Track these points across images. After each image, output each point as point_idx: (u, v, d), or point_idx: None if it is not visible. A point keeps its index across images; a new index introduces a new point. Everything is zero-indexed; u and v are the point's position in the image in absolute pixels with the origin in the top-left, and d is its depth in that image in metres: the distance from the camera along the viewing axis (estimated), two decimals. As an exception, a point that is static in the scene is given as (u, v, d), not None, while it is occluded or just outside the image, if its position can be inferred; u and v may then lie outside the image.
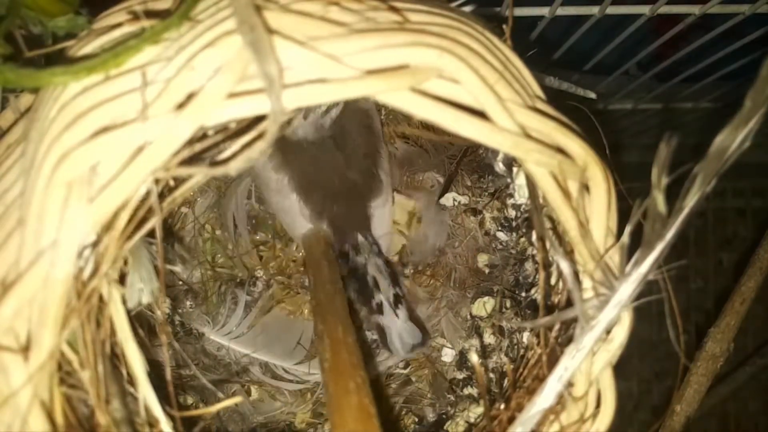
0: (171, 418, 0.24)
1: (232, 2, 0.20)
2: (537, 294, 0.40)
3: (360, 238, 0.46)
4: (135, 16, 0.22)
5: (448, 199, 0.52)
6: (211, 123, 0.20)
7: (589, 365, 0.25)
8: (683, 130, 0.83)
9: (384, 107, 0.52)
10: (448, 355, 0.51)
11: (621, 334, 0.25)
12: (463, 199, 0.52)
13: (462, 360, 0.50)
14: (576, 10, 0.50)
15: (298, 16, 0.21)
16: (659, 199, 0.22)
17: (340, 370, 0.31)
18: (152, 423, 0.23)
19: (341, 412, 0.28)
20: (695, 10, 0.49)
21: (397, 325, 0.45)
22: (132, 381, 0.24)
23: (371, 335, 0.51)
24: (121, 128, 0.19)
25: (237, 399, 0.29)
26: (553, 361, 0.26)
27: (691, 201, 0.22)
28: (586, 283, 0.25)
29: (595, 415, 0.26)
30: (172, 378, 0.25)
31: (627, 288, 0.23)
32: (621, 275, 0.23)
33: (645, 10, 0.49)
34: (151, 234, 0.22)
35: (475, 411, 0.46)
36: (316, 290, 0.41)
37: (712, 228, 0.95)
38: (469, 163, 0.52)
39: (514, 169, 0.36)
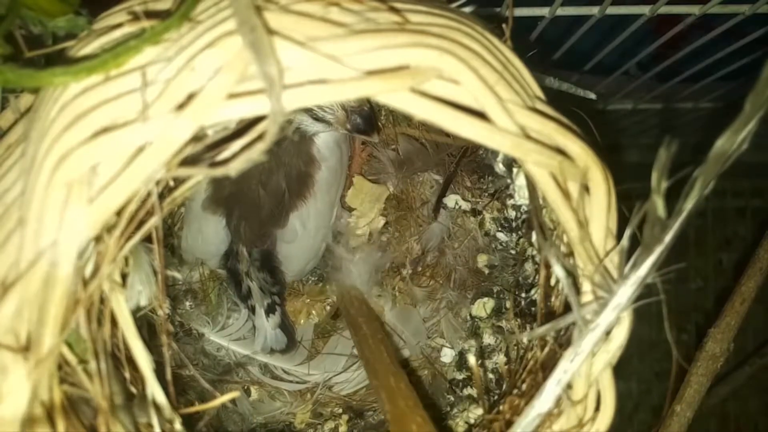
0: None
1: (232, 3, 0.20)
2: (537, 295, 0.40)
3: (243, 250, 0.49)
4: (135, 17, 0.22)
5: (450, 200, 0.52)
6: (211, 123, 0.20)
7: (588, 366, 0.25)
8: (683, 130, 0.83)
9: (384, 107, 0.52)
10: (447, 355, 0.51)
11: (621, 336, 0.25)
12: (465, 205, 0.52)
13: (461, 361, 0.50)
14: (576, 10, 0.50)
15: (299, 17, 0.21)
16: (658, 203, 0.22)
17: (399, 417, 0.34)
18: (159, 420, 0.23)
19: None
20: (695, 10, 0.49)
21: (265, 328, 0.50)
22: (134, 382, 0.24)
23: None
24: (121, 129, 0.19)
25: (234, 394, 0.29)
26: (552, 362, 0.26)
27: (689, 204, 0.22)
28: (585, 286, 0.25)
29: (595, 415, 0.26)
30: (172, 378, 0.25)
31: (625, 291, 0.23)
32: (619, 278, 0.23)
33: (645, 10, 0.49)
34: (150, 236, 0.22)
35: (475, 412, 0.46)
36: (361, 348, 0.45)
37: (712, 228, 0.95)
38: (469, 164, 0.52)
39: (514, 170, 0.36)
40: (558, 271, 0.24)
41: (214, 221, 0.48)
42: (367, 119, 0.42)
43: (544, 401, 0.24)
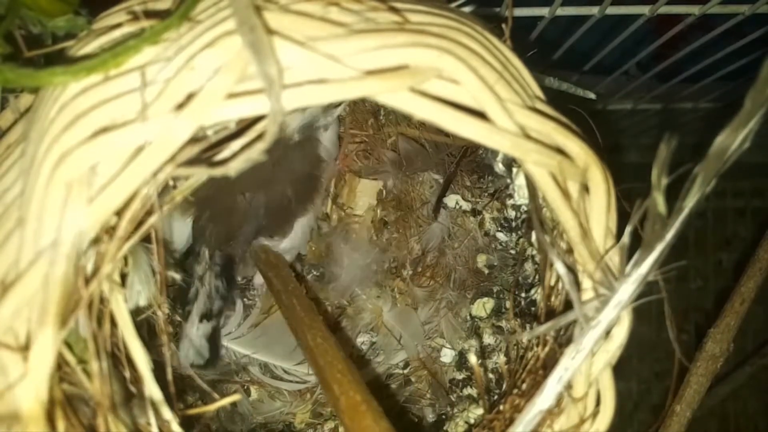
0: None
1: (231, 2, 0.20)
2: (537, 294, 0.40)
3: (205, 252, 0.45)
4: (135, 17, 0.22)
5: (451, 200, 0.52)
6: (210, 123, 0.20)
7: (588, 366, 0.25)
8: (683, 130, 0.83)
9: (383, 107, 0.52)
10: (447, 355, 0.51)
11: (621, 335, 0.25)
12: (465, 205, 0.52)
13: (461, 360, 0.50)
14: (576, 10, 0.50)
15: (298, 17, 0.21)
16: (659, 200, 0.22)
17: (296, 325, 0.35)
18: (157, 421, 0.23)
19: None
20: (695, 10, 0.49)
21: (191, 336, 0.45)
22: (135, 382, 0.24)
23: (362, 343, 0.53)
24: (120, 128, 0.19)
25: (236, 397, 0.29)
26: (553, 362, 0.26)
27: (691, 201, 0.22)
28: (586, 283, 0.25)
29: (594, 415, 0.26)
30: (172, 378, 0.25)
31: (627, 288, 0.23)
32: (621, 276, 0.23)
33: (645, 10, 0.49)
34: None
35: (475, 411, 0.46)
36: (277, 301, 0.44)
37: (712, 228, 0.95)
38: (469, 164, 0.52)
39: (514, 170, 0.36)
40: (559, 267, 0.24)
41: (181, 222, 0.46)
42: None
43: (545, 398, 0.24)
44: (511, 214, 0.48)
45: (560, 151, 0.23)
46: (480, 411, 0.46)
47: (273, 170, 0.45)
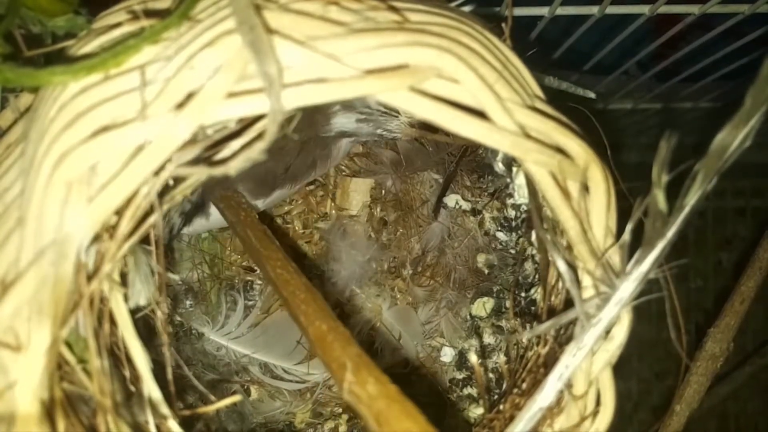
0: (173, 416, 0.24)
1: (231, 2, 0.20)
2: (537, 294, 0.40)
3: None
4: (134, 16, 0.22)
5: (451, 200, 0.52)
6: (210, 122, 0.20)
7: (588, 365, 0.25)
8: (683, 129, 0.82)
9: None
10: (447, 355, 0.51)
11: (621, 334, 0.25)
12: (465, 205, 0.52)
13: (461, 360, 0.50)
14: (576, 9, 0.50)
15: (298, 16, 0.21)
16: (660, 197, 0.22)
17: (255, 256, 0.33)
18: (156, 420, 0.23)
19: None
20: (695, 9, 0.49)
21: None
22: (134, 381, 0.24)
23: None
24: (120, 128, 0.19)
25: (236, 398, 0.28)
26: (553, 361, 0.26)
27: (692, 199, 0.22)
28: (586, 281, 0.25)
29: (594, 414, 0.26)
30: (172, 378, 0.25)
31: (628, 286, 0.23)
32: (622, 273, 0.23)
33: (645, 9, 0.49)
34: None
35: (475, 411, 0.46)
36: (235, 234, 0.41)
37: (712, 228, 0.95)
38: (469, 163, 0.52)
39: (514, 169, 0.36)
40: (560, 264, 0.24)
41: None
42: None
43: (545, 396, 0.24)
44: (511, 213, 0.48)
45: (560, 150, 0.23)
46: (480, 410, 0.46)
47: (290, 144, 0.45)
